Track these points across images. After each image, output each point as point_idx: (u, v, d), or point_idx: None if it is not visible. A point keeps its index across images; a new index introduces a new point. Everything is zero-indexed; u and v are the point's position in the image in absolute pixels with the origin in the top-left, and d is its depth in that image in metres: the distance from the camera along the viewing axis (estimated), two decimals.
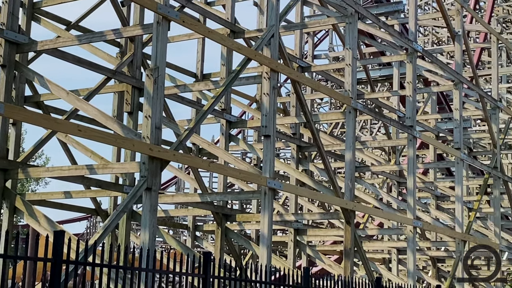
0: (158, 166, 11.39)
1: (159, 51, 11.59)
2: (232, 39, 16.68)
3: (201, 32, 13.77)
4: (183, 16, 12.43)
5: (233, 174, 13.84)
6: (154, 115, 11.35)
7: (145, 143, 11.22)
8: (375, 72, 25.66)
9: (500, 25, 50.06)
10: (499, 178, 23.29)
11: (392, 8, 23.47)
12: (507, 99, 41.37)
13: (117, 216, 11.06)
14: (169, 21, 11.86)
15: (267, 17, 15.10)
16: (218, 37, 13.70)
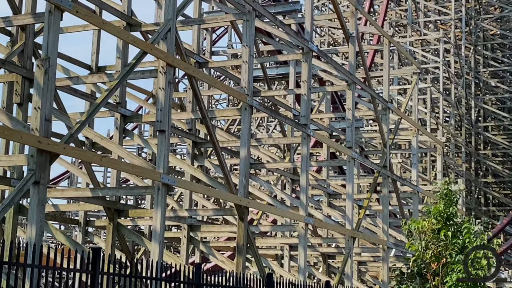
0: (47, 160, 11.08)
1: (51, 41, 11.26)
2: (128, 31, 16.43)
3: (95, 23, 13.48)
4: (77, 7, 12.14)
5: (126, 169, 13.64)
6: (44, 106, 11.03)
7: (34, 136, 10.89)
8: (272, 70, 25.92)
9: (392, 29, 51.71)
10: (388, 177, 24.06)
11: (290, 8, 23.79)
12: (398, 101, 42.82)
13: (3, 210, 10.68)
14: (62, 10, 11.54)
15: (164, 11, 14.97)
16: (114, 29, 13.47)
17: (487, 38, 59.22)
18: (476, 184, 54.04)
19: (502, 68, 57.88)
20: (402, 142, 41.85)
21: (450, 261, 14.23)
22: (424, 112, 44.01)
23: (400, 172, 38.90)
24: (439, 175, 31.55)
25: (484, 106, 56.32)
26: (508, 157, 57.31)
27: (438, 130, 37.71)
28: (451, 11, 51.63)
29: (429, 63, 50.46)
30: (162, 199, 13.35)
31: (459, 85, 51.24)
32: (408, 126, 29.24)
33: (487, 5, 60.14)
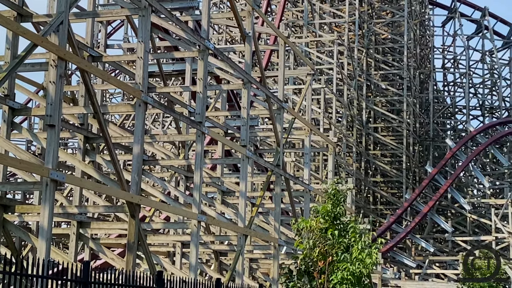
0: None
1: None
2: (18, 22, 15.91)
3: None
4: None
5: (13, 164, 13.22)
6: None
7: None
8: (168, 66, 25.73)
9: (289, 29, 52.50)
10: (281, 175, 24.42)
11: (187, 4, 23.63)
12: (293, 100, 43.52)
13: None
14: None
15: (57, 3, 14.59)
16: (2, 20, 13.01)
17: (378, 42, 61.16)
18: (365, 183, 55.72)
19: (392, 71, 59.94)
20: (296, 141, 42.60)
21: (336, 260, 14.63)
22: (317, 112, 44.95)
23: (294, 171, 39.59)
24: (330, 174, 32.31)
25: (374, 108, 58.14)
26: (396, 157, 59.42)
27: (331, 130, 38.60)
28: (345, 14, 53.00)
29: (323, 64, 51.59)
30: (50, 195, 13.03)
31: (351, 87, 52.66)
32: (301, 125, 29.78)
33: (379, 10, 62.11)
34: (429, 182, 53.37)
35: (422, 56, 68.17)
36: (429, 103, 65.34)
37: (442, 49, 73.37)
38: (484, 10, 70.65)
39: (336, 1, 57.89)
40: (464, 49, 68.81)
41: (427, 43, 70.03)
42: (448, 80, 73.50)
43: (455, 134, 68.52)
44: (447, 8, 71.29)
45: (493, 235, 48.94)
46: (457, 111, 70.29)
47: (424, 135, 64.24)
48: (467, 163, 54.44)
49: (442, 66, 72.85)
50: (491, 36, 69.90)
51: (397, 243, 47.23)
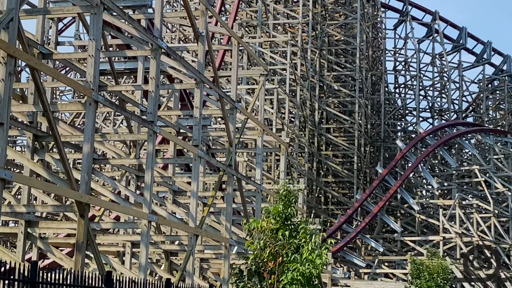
0: None
1: None
2: None
3: None
4: None
5: None
6: None
7: None
8: (120, 64, 25.49)
9: (243, 29, 52.58)
10: (233, 175, 24.45)
11: (140, 3, 23.42)
12: (246, 100, 43.61)
13: None
14: None
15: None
16: None
17: (331, 43, 61.71)
18: (317, 184, 56.17)
19: (344, 72, 60.56)
20: (249, 141, 42.70)
21: (286, 260, 14.73)
22: (270, 113, 45.13)
23: (246, 171, 39.70)
24: (282, 174, 32.47)
25: (327, 109, 58.64)
26: (348, 158, 60.06)
27: (283, 131, 38.79)
28: (299, 15, 53.31)
29: (277, 65, 51.80)
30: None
31: (304, 88, 52.99)
32: (254, 125, 29.86)
33: (333, 12, 62.68)
34: (379, 183, 54.10)
35: (374, 58, 69.03)
36: (381, 104, 66.21)
37: (393, 52, 74.43)
38: (435, 14, 71.93)
39: (290, 2, 58.21)
40: (415, 52, 69.95)
41: (379, 46, 70.94)
42: (399, 82, 74.66)
43: (406, 136, 69.63)
44: (399, 11, 72.35)
45: (441, 235, 49.87)
46: (408, 113, 71.40)
47: (375, 136, 65.08)
48: (417, 164, 55.35)
49: (394, 68, 73.90)
50: (441, 40, 71.22)
51: (347, 243, 47.75)
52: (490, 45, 75.75)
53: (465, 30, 74.10)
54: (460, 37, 74.22)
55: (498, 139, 65.25)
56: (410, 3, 71.62)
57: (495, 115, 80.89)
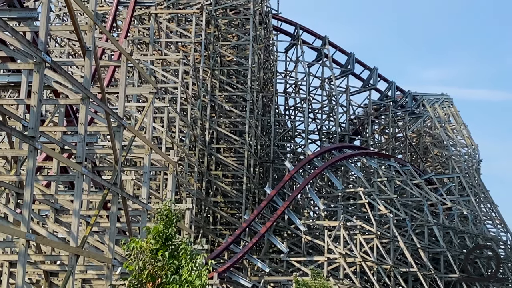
0: None
1: None
2: None
3: None
4: None
5: None
6: None
7: None
8: (4, 77, 24.67)
9: (134, 46, 52.14)
10: (118, 194, 24.05)
11: (25, 15, 22.84)
12: (136, 118, 43.13)
13: None
14: None
15: None
16: None
17: (224, 64, 62.16)
18: (206, 203, 56.11)
19: (236, 93, 61.06)
20: (138, 159, 42.15)
21: (165, 281, 14.57)
22: (160, 131, 44.82)
23: (134, 189, 39.12)
24: (169, 194, 32.22)
25: (218, 129, 58.87)
26: (237, 178, 60.39)
27: (172, 150, 38.58)
28: (192, 35, 53.40)
29: (168, 83, 51.59)
30: None
31: (195, 107, 53.01)
32: (142, 143, 29.53)
33: (226, 33, 63.22)
34: (267, 203, 54.66)
35: (266, 80, 70.04)
36: (271, 126, 67.12)
37: (284, 74, 75.82)
38: (325, 39, 73.96)
39: (183, 21, 58.29)
40: (305, 75, 71.54)
41: (270, 68, 72.07)
42: (289, 104, 76.01)
43: (294, 157, 70.84)
44: (291, 35, 73.87)
45: (326, 256, 50.86)
46: (297, 134, 72.74)
47: (265, 157, 65.83)
48: (304, 186, 56.37)
49: (284, 90, 75.24)
50: (330, 64, 73.24)
51: (234, 263, 47.86)
52: (376, 71, 78.63)
53: (353, 56, 76.56)
54: (348, 62, 76.61)
55: (382, 162, 67.57)
56: (301, 27, 73.29)
57: (380, 139, 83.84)
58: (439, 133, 79.68)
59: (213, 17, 59.05)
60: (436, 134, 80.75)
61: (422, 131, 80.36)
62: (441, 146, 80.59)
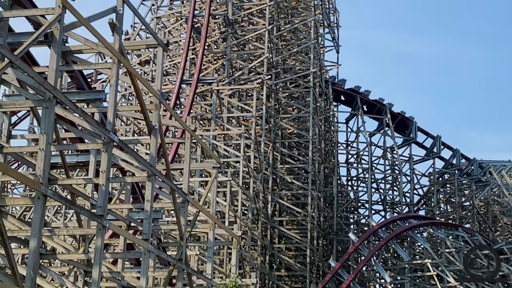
0: None
1: None
2: None
3: None
4: None
5: None
6: None
7: None
8: (72, 157, 25.44)
9: (197, 122, 53.14)
10: (183, 270, 24.17)
11: (94, 96, 23.69)
12: (199, 192, 43.58)
13: None
14: None
15: None
16: None
17: (285, 136, 62.56)
18: (269, 277, 55.62)
19: (297, 165, 61.13)
20: (201, 234, 42.38)
21: None
22: (223, 205, 45.09)
23: (198, 264, 39.20)
24: (234, 268, 32.19)
25: (280, 201, 58.80)
26: (300, 251, 59.83)
27: (236, 224, 38.70)
28: (253, 109, 54.14)
29: (230, 157, 52.12)
30: None
31: (257, 180, 53.25)
32: (206, 218, 29.76)
33: (286, 105, 63.86)
34: (332, 277, 53.82)
35: (327, 151, 70.06)
36: (333, 197, 66.71)
37: (346, 145, 75.69)
38: (386, 108, 73.83)
39: (244, 96, 59.23)
40: (366, 145, 71.29)
41: (331, 138, 72.16)
42: (351, 174, 75.56)
43: (358, 228, 69.93)
44: (351, 105, 74.08)
45: None
46: (360, 205, 72.00)
47: (328, 229, 65.20)
48: (369, 258, 55.40)
49: (346, 161, 74.96)
50: (392, 134, 72.85)
51: None
52: (440, 139, 77.70)
53: (415, 124, 76.04)
54: (410, 131, 76.09)
55: (449, 232, 66.00)
56: (361, 97, 73.52)
57: (446, 208, 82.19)
58: (508, 201, 77.65)
59: (274, 91, 59.87)
60: (504, 202, 78.69)
61: (490, 199, 78.45)
62: (510, 215, 78.42)
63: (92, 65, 26.93)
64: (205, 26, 51.29)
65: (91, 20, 19.31)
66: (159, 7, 58.32)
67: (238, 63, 58.17)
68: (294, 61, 65.77)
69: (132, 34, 55.13)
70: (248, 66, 57.34)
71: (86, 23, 18.87)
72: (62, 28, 17.36)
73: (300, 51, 63.44)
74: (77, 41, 21.15)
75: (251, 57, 58.71)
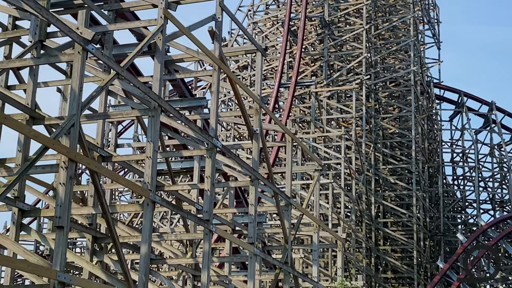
0: None
1: None
2: (30, 126, 16.28)
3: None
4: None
5: (20, 267, 13.24)
6: None
7: None
8: (177, 164, 25.97)
9: (296, 125, 53.17)
10: (289, 273, 24.21)
11: (196, 103, 24.11)
12: (301, 195, 43.59)
13: None
14: None
15: (69, 106, 14.97)
16: (15, 124, 13.34)
17: (386, 137, 61.62)
18: (376, 280, 54.89)
19: (400, 165, 60.06)
20: (305, 237, 42.36)
21: None
22: (326, 207, 44.89)
23: (302, 267, 39.20)
24: (340, 271, 31.96)
25: (383, 202, 57.95)
26: (407, 252, 58.76)
27: (339, 226, 38.44)
28: (353, 110, 53.67)
29: (331, 159, 51.85)
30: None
31: (359, 181, 52.72)
32: (310, 221, 29.71)
33: (386, 105, 62.91)
34: (440, 278, 52.52)
35: (431, 150, 68.50)
36: (439, 197, 65.12)
37: (450, 143, 73.72)
38: (492, 104, 71.42)
39: (343, 97, 58.82)
40: (472, 143, 69.18)
41: (435, 137, 70.51)
42: (457, 174, 73.50)
43: (466, 229, 67.93)
44: (454, 102, 72.15)
45: None
46: (468, 205, 69.94)
47: (435, 230, 63.70)
48: (479, 258, 53.73)
49: (451, 160, 72.99)
50: (499, 130, 70.40)
51: None
52: None
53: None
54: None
55: None
56: (465, 94, 71.48)
57: None
58: None
59: (373, 91, 59.15)
60: None
61: None
62: None
63: (193, 72, 27.37)
64: (302, 28, 51.27)
65: (191, 29, 19.66)
66: (255, 13, 58.81)
67: (336, 64, 57.81)
68: (393, 60, 64.73)
69: (229, 40, 55.81)
70: (346, 66, 56.90)
71: (187, 32, 19.24)
72: (164, 39, 17.78)
73: (400, 49, 62.35)
74: (178, 50, 21.60)
75: (349, 57, 58.23)
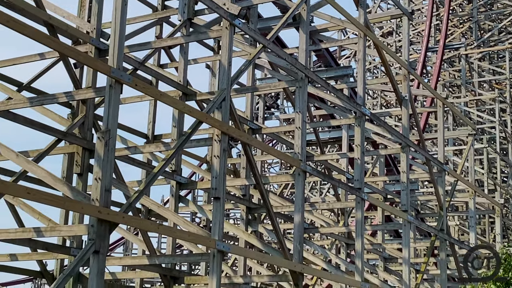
0: (107, 229, 11.35)
1: (111, 114, 11.67)
2: (183, 101, 16.86)
3: (153, 95, 13.93)
4: (136, 80, 12.59)
5: (181, 237, 13.81)
6: (104, 177, 11.36)
7: (94, 206, 11.19)
8: (325, 134, 26.03)
9: (446, 89, 51.51)
10: (445, 240, 23.68)
11: (342, 73, 23.97)
12: (454, 161, 42.35)
13: (64, 279, 10.93)
14: (121, 84, 11.99)
15: (219, 80, 15.36)
16: (170, 100, 13.87)
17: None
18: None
19: None
20: (459, 204, 41.17)
21: None
22: (481, 173, 43.35)
23: (458, 235, 38.22)
24: (498, 237, 30.86)
25: None
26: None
27: (496, 191, 37.04)
28: (506, 71, 51.21)
29: (485, 123, 49.87)
30: (218, 266, 13.44)
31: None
32: (464, 187, 28.85)
33: None
34: None
35: None
36: None
37: None
38: None
39: (495, 58, 56.25)
40: None
41: None
42: None
43: None
44: None
45: None
46: None
47: None
48: None
49: None
50: None
51: None
52: None
53: None
54: None
55: None
56: None
57: None
58: None
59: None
60: None
61: None
62: None
63: (338, 41, 27.16)
64: None
65: None
66: None
67: (487, 24, 55.29)
68: None
69: (372, 7, 54.83)
70: (498, 26, 54.27)
71: (332, 1, 19.12)
72: (309, 9, 17.75)
73: None
74: (322, 20, 21.53)
75: (500, 16, 55.47)
